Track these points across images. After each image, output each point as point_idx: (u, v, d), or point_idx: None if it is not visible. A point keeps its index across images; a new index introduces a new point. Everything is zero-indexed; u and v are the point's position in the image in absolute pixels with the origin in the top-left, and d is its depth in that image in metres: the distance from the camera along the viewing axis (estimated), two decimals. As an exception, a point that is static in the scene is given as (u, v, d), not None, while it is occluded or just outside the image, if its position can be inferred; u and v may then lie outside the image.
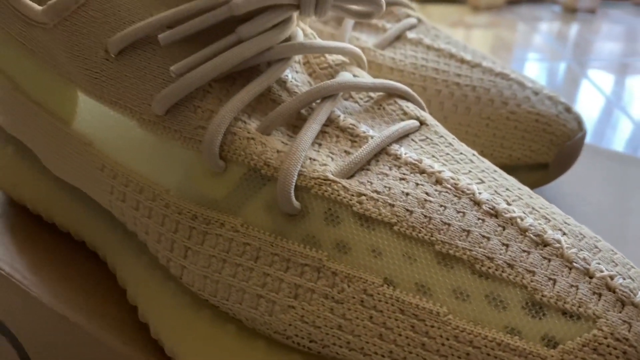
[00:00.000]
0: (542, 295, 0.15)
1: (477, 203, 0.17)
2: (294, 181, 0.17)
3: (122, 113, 0.19)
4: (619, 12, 1.19)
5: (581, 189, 0.28)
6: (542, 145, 0.25)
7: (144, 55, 0.19)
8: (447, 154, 0.19)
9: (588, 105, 0.66)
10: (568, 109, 0.26)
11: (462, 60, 0.27)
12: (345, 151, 0.18)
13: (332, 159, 0.18)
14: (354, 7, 0.20)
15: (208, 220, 0.18)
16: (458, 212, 0.17)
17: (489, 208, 0.17)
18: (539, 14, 1.23)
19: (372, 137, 0.18)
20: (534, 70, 0.83)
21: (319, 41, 0.20)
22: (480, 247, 0.16)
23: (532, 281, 0.15)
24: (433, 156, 0.19)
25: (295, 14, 0.20)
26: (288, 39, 0.20)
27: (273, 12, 0.19)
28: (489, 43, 1.02)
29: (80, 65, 0.20)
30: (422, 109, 0.21)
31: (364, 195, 0.17)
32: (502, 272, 0.15)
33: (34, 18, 0.20)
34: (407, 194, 0.17)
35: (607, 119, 0.62)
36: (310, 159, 0.17)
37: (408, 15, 0.29)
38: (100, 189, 0.20)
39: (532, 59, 0.93)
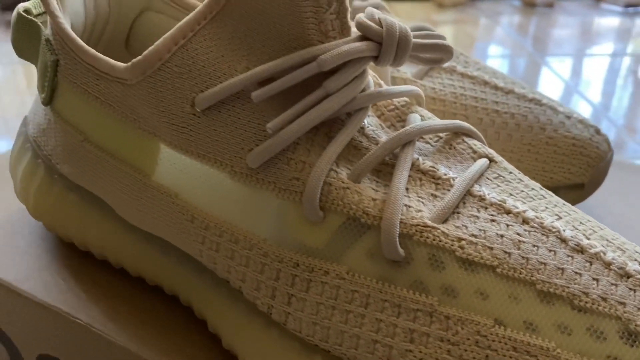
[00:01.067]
0: (636, 325, 0.17)
1: (564, 240, 0.18)
2: (398, 230, 0.18)
3: (211, 165, 0.20)
4: (575, 6, 1.25)
5: (604, 201, 0.30)
6: (579, 167, 0.26)
7: (232, 110, 0.20)
8: (522, 190, 0.20)
9: (549, 90, 0.70)
10: (598, 131, 0.28)
11: (496, 87, 0.28)
12: (432, 195, 0.19)
13: (423, 203, 0.19)
14: (427, 55, 0.21)
15: (311, 268, 0.19)
16: (549, 250, 0.18)
17: (575, 245, 0.18)
18: (500, 9, 1.26)
19: (453, 179, 0.20)
20: (497, 61, 0.86)
21: (389, 87, 0.21)
22: (575, 284, 0.17)
23: (624, 312, 0.17)
24: (511, 194, 0.20)
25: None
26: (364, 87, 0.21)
27: (355, 64, 0.19)
28: (455, 38, 1.05)
29: (165, 119, 0.20)
30: (484, 144, 0.22)
31: (464, 239, 0.18)
32: (598, 305, 0.17)
33: (114, 74, 0.20)
34: (502, 236, 0.18)
35: (567, 102, 0.66)
36: (405, 205, 0.19)
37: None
38: (189, 239, 0.21)
39: (495, 51, 0.96)
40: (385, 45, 0.19)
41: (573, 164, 0.26)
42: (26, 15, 0.23)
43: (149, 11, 0.26)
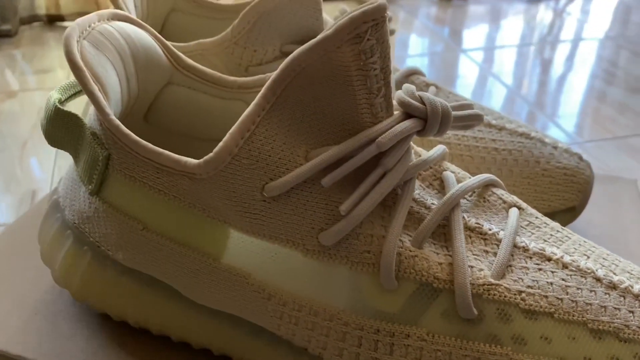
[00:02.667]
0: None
1: (598, 280, 0.21)
2: (470, 292, 0.20)
3: (284, 246, 0.21)
4: (486, -3, 1.32)
5: (585, 215, 0.34)
6: (571, 193, 0.30)
7: (301, 194, 0.21)
8: (551, 235, 0.23)
9: (467, 75, 0.77)
10: (581, 158, 0.31)
11: (490, 125, 0.31)
12: (484, 251, 0.22)
13: (480, 261, 0.21)
14: (462, 123, 0.24)
15: (392, 333, 0.21)
16: (590, 291, 0.21)
17: (608, 282, 0.21)
18: (417, 3, 1.32)
19: (497, 234, 0.22)
20: (417, 50, 0.91)
21: (428, 153, 0.23)
22: (617, 318, 0.21)
23: (658, 337, 0.20)
24: (545, 241, 0.23)
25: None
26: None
27: (405, 140, 0.21)
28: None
29: (237, 208, 0.21)
30: (505, 190, 0.25)
31: (523, 292, 0.21)
32: (638, 335, 0.20)
33: (179, 168, 0.21)
34: (551, 284, 0.21)
35: (483, 86, 0.74)
36: (469, 266, 0.21)
37: (427, 84, 0.33)
38: (266, 315, 0.22)
39: (415, 42, 1.01)
40: (430, 122, 0.21)
41: (566, 190, 0.30)
42: (64, 109, 0.23)
43: (172, 85, 0.27)
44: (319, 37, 0.20)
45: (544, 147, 0.31)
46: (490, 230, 0.22)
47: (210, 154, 0.21)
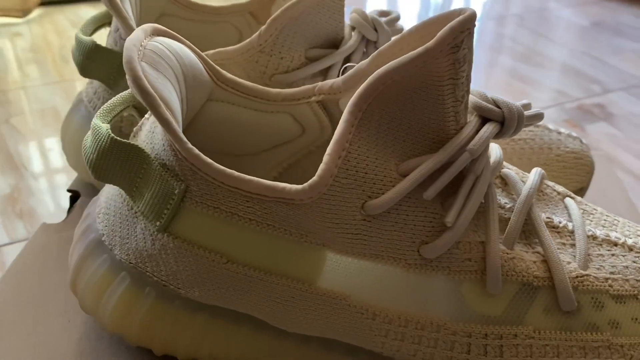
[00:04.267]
0: None
1: (659, 258, 0.23)
2: (570, 285, 0.21)
3: (384, 263, 0.21)
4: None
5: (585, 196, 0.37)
6: (581, 175, 0.32)
7: (400, 209, 0.21)
8: (605, 220, 0.25)
9: None
10: (581, 141, 0.34)
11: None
12: (562, 244, 0.23)
13: (563, 254, 0.22)
14: (529, 122, 0.24)
15: (500, 335, 0.21)
16: (657, 269, 0.23)
17: (667, 259, 0.23)
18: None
19: (566, 225, 0.23)
20: None
21: (494, 154, 0.24)
22: (685, 292, 0.23)
23: None
24: (604, 227, 0.24)
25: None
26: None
27: (486, 145, 0.22)
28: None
29: (338, 230, 0.20)
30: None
31: (609, 278, 0.22)
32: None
33: (275, 195, 0.20)
34: (627, 267, 0.23)
35: None
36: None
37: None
38: (370, 334, 0.21)
39: None
40: (507, 124, 0.22)
41: (577, 173, 0.32)
42: (122, 140, 0.21)
43: (212, 101, 0.25)
44: (420, 50, 0.19)
45: (551, 133, 0.33)
46: (560, 223, 0.23)
47: (314, 178, 0.20)
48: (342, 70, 0.24)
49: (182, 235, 0.21)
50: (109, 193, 0.24)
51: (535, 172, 0.25)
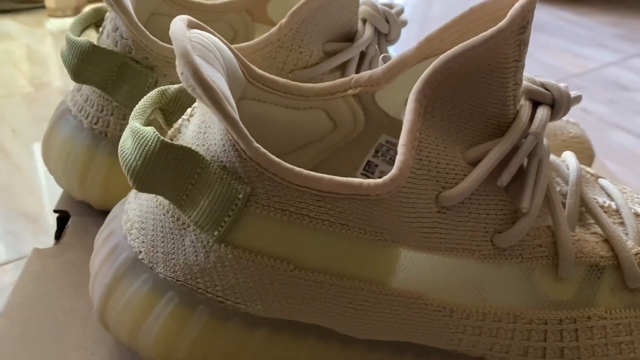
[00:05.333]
0: None
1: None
2: (635, 262, 0.21)
3: (458, 256, 0.20)
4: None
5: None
6: (585, 159, 0.33)
7: (474, 199, 0.20)
8: (636, 197, 0.25)
9: None
10: (578, 126, 0.34)
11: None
12: (612, 222, 0.23)
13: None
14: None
15: (574, 319, 0.21)
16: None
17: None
18: None
19: (611, 205, 0.24)
20: None
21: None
22: None
23: None
24: (638, 204, 0.25)
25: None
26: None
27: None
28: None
29: (414, 224, 0.19)
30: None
31: (663, 253, 0.22)
32: None
33: (356, 192, 0.18)
34: (674, 241, 0.23)
35: None
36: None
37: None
38: (447, 332, 0.20)
39: None
40: (557, 106, 0.22)
41: (582, 157, 0.33)
42: (175, 143, 0.18)
43: (244, 99, 0.23)
44: (492, 30, 0.19)
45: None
46: (605, 203, 0.24)
47: (393, 171, 0.18)
48: (380, 60, 0.23)
49: (243, 244, 0.19)
50: (143, 205, 0.21)
51: (572, 155, 0.25)
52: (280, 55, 0.26)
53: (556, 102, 0.22)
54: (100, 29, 0.28)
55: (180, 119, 0.21)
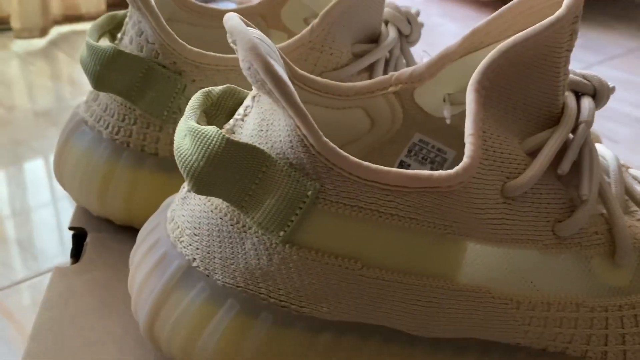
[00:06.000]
0: None
1: None
2: (684, 245, 0.21)
3: (522, 247, 0.20)
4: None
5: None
6: (597, 154, 0.34)
7: (535, 188, 0.20)
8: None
9: None
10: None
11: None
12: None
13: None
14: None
15: (632, 305, 0.21)
16: None
17: None
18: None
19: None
20: None
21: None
22: None
23: None
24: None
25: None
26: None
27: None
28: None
29: (482, 216, 0.19)
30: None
31: None
32: None
33: (426, 185, 0.18)
34: None
35: None
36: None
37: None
38: (513, 325, 0.20)
39: None
40: (599, 96, 0.22)
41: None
42: (239, 141, 0.18)
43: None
44: (551, 19, 0.19)
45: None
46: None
47: (465, 160, 0.18)
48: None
49: (309, 244, 0.19)
50: (194, 210, 0.20)
51: (602, 146, 0.25)
52: (311, 56, 0.26)
53: (597, 92, 0.22)
54: (119, 35, 0.27)
55: (231, 120, 0.20)
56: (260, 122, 0.19)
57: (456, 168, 0.18)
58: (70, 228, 0.29)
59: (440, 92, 0.24)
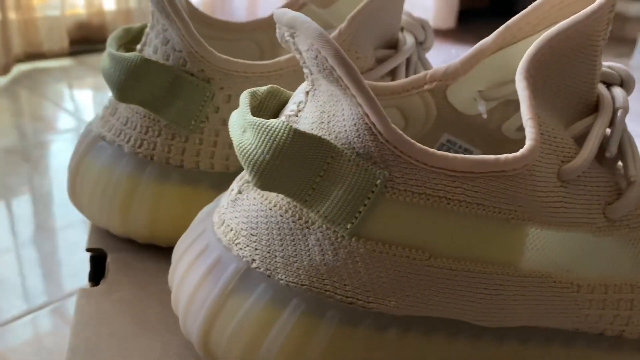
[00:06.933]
0: None
1: None
2: None
3: (577, 230, 0.20)
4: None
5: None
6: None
7: (586, 173, 0.20)
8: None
9: None
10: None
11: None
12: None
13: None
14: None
15: (681, 283, 0.21)
16: None
17: None
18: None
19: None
20: None
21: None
22: None
23: None
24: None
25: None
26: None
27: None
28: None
29: (545, 199, 0.19)
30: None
31: None
32: None
33: (490, 170, 0.18)
34: None
35: None
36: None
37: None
38: (574, 309, 0.20)
39: None
40: (626, 86, 0.23)
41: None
42: (307, 132, 0.17)
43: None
44: (593, 6, 0.20)
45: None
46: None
47: (529, 143, 0.18)
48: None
49: (376, 236, 0.18)
50: (250, 211, 0.20)
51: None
52: (337, 61, 0.26)
53: (624, 83, 0.23)
54: (139, 46, 0.26)
55: (282, 117, 0.20)
56: (319, 115, 0.19)
57: (521, 151, 0.18)
58: (88, 250, 0.28)
59: (472, 89, 0.24)
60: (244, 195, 0.20)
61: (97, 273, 0.28)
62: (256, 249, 0.19)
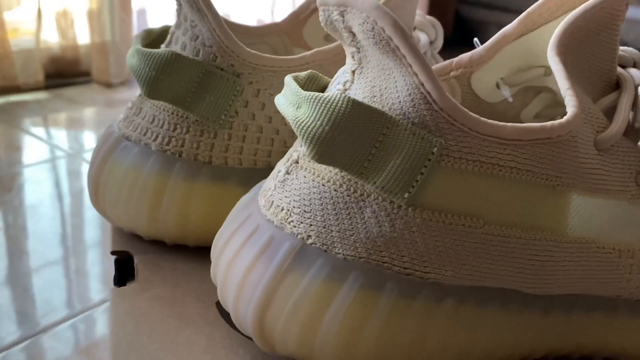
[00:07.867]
0: None
1: None
2: None
3: (613, 198, 0.21)
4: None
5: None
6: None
7: (619, 142, 0.21)
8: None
9: None
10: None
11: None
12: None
13: None
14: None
15: None
16: None
17: None
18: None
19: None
20: None
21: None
22: None
23: None
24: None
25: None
26: None
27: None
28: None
29: (586, 166, 0.20)
30: None
31: None
32: None
33: (541, 137, 0.19)
34: None
35: None
36: None
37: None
38: (617, 275, 0.21)
39: None
40: (638, 67, 0.24)
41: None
42: (365, 104, 0.18)
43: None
44: (616, -15, 0.21)
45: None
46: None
47: (572, 110, 0.19)
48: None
49: (432, 205, 0.19)
50: (301, 189, 0.20)
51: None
52: (361, 55, 0.27)
53: (637, 64, 0.24)
54: (163, 46, 0.27)
55: (330, 85, 0.20)
56: (370, 90, 0.19)
57: (565, 117, 0.19)
58: (113, 252, 0.27)
59: (495, 75, 0.25)
60: (292, 175, 0.20)
61: (122, 276, 0.27)
62: (311, 225, 0.19)
